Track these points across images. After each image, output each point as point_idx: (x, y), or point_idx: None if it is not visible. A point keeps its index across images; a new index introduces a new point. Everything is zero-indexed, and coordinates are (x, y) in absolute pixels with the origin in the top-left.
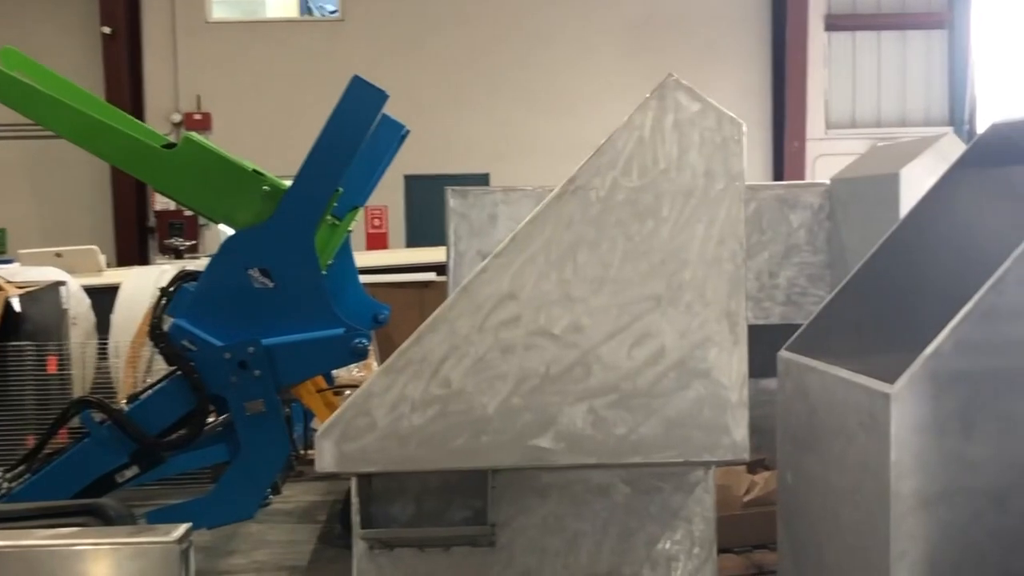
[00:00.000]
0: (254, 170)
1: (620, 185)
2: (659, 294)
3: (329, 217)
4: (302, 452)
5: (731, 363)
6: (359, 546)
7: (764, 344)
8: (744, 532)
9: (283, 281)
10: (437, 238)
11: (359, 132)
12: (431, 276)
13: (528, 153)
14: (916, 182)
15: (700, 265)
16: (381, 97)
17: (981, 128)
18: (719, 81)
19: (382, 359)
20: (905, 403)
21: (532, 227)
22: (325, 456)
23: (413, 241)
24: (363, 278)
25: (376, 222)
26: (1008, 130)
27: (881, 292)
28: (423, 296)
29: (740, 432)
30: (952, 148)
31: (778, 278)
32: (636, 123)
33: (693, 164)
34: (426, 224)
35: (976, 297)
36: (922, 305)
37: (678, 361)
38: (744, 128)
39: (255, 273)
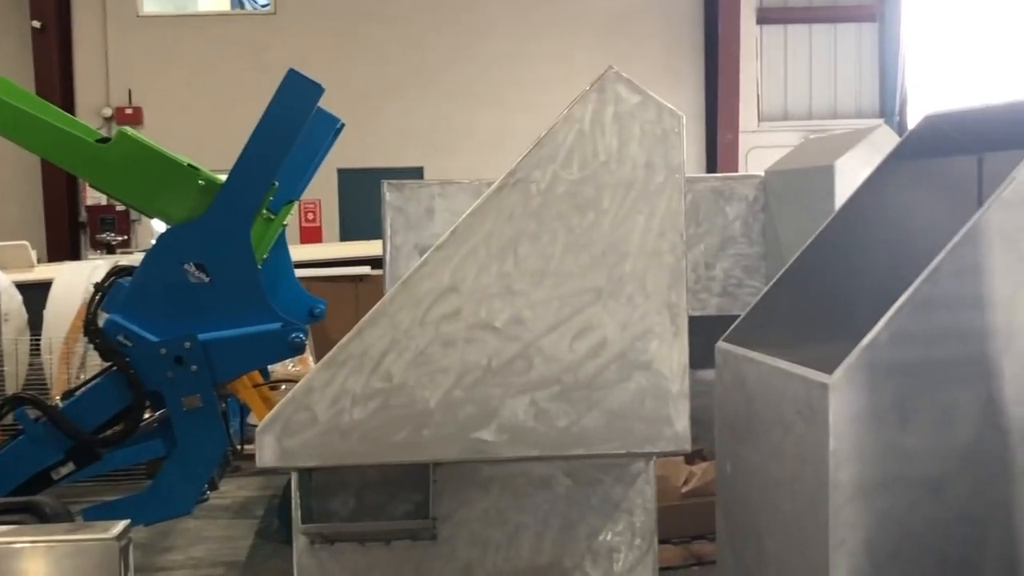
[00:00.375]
0: (189, 164)
1: (560, 178)
2: (600, 286)
3: (265, 211)
4: (238, 447)
5: (672, 354)
6: (299, 541)
7: (701, 335)
8: (683, 523)
9: (219, 276)
10: (371, 232)
11: (295, 126)
12: (366, 270)
13: (462, 146)
14: (850, 174)
15: (640, 257)
16: (317, 90)
17: (912, 120)
18: (652, 74)
19: (317, 354)
20: (843, 393)
21: (472, 220)
22: (266, 451)
23: (347, 235)
24: (297, 272)
25: (310, 216)
26: (941, 122)
27: (817, 283)
28: (358, 290)
29: (682, 423)
30: (885, 140)
31: (714, 270)
32: (576, 115)
33: (633, 156)
34: (360, 218)
35: (912, 288)
36: (858, 296)
37: (619, 353)
38: (684, 120)
39: (191, 268)
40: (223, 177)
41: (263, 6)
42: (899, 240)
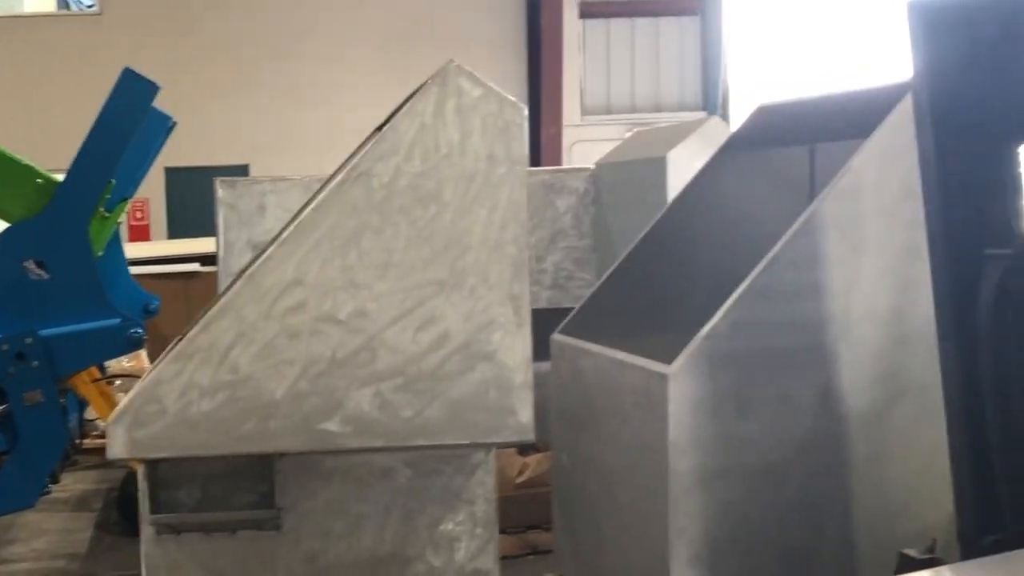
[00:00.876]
0: (27, 164)
1: (403, 171)
2: (443, 278)
3: (100, 209)
4: (77, 441)
5: (515, 345)
6: (147, 531)
7: (533, 328)
8: (517, 513)
9: (58, 272)
10: (199, 229)
11: (131, 124)
12: (195, 267)
13: (287, 144)
14: (683, 165)
15: (483, 249)
16: (152, 89)
17: (734, 113)
18: (475, 68)
19: (150, 350)
20: (681, 383)
21: (316, 214)
22: (116, 443)
23: (175, 233)
24: (130, 270)
25: (139, 214)
26: (773, 113)
27: (652, 275)
28: (188, 286)
29: (525, 413)
30: (717, 132)
31: (545, 263)
32: (418, 108)
33: (475, 149)
34: (188, 216)
35: (750, 278)
36: (693, 287)
37: (463, 344)
38: (525, 113)
39: (31, 265)
40: (62, 176)
41: (89, 7)
42: (733, 231)
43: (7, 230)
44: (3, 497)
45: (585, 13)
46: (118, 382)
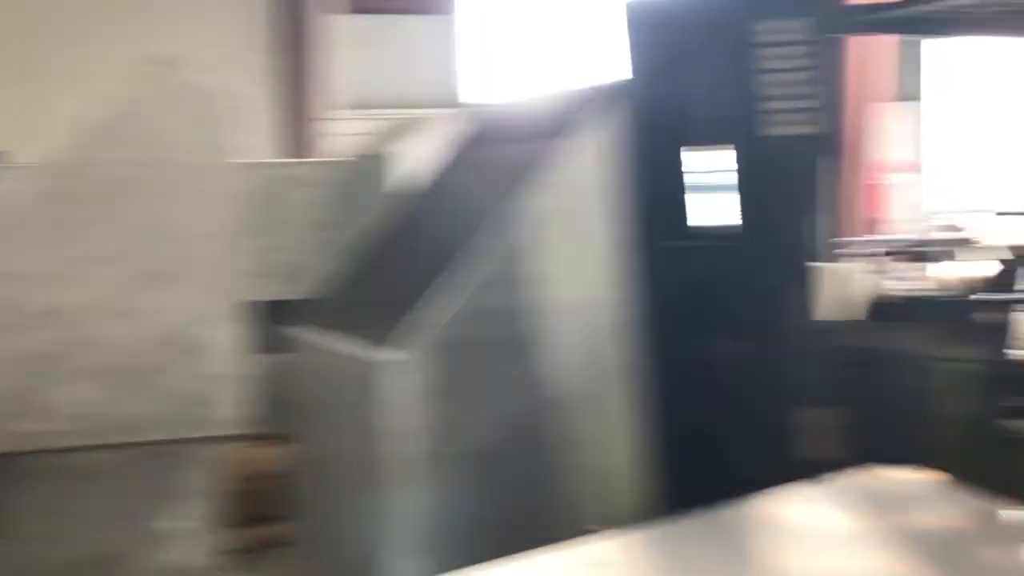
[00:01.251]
0: None
1: (118, 161)
2: (157, 271)
3: None
4: None
5: (228, 339)
6: None
7: (265, 320)
8: (247, 506)
9: None
10: None
11: None
12: None
13: (11, 130)
14: (414, 160)
15: (198, 241)
16: None
17: (481, 109)
18: (227, 60)
19: None
20: (399, 372)
21: (31, 205)
22: None
23: None
24: None
25: None
26: (502, 110)
27: (381, 267)
28: None
29: (239, 407)
30: (453, 127)
31: (280, 255)
32: (136, 98)
33: (192, 139)
34: None
35: (466, 268)
36: (419, 278)
37: (175, 338)
38: (243, 103)
39: None
40: None
41: None
42: (458, 223)
43: None
44: None
45: (341, 8)
46: None
